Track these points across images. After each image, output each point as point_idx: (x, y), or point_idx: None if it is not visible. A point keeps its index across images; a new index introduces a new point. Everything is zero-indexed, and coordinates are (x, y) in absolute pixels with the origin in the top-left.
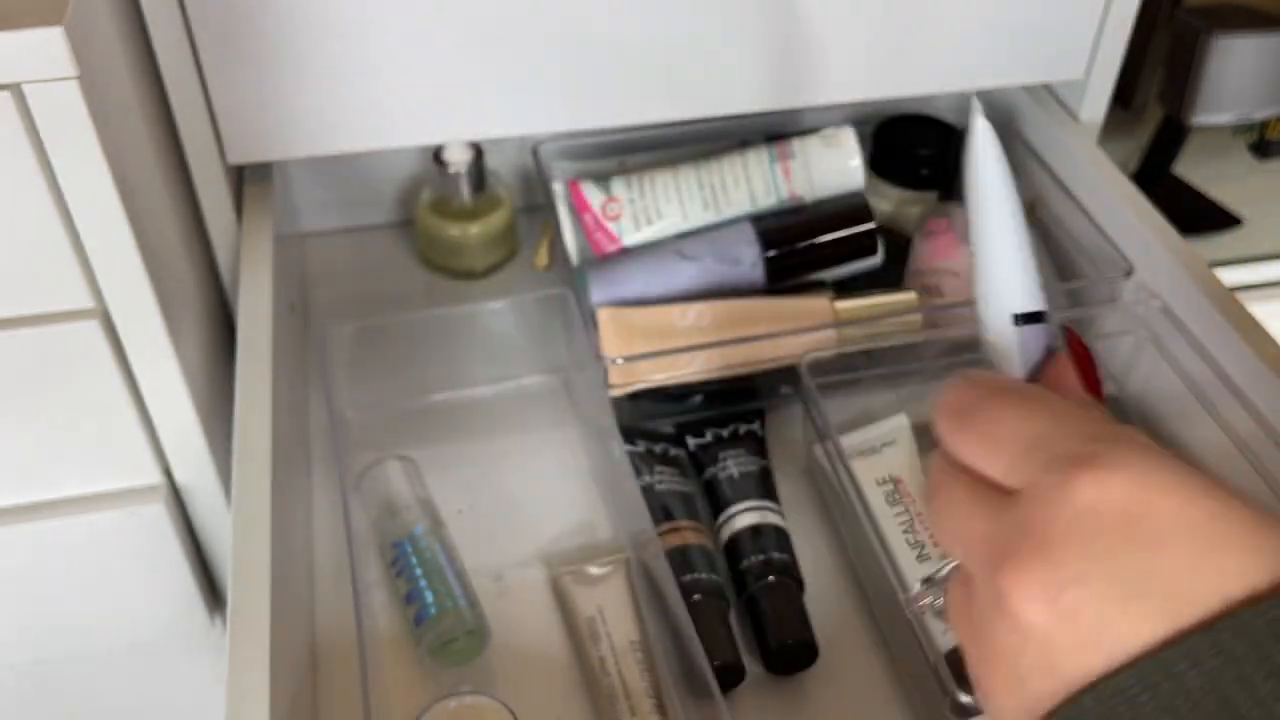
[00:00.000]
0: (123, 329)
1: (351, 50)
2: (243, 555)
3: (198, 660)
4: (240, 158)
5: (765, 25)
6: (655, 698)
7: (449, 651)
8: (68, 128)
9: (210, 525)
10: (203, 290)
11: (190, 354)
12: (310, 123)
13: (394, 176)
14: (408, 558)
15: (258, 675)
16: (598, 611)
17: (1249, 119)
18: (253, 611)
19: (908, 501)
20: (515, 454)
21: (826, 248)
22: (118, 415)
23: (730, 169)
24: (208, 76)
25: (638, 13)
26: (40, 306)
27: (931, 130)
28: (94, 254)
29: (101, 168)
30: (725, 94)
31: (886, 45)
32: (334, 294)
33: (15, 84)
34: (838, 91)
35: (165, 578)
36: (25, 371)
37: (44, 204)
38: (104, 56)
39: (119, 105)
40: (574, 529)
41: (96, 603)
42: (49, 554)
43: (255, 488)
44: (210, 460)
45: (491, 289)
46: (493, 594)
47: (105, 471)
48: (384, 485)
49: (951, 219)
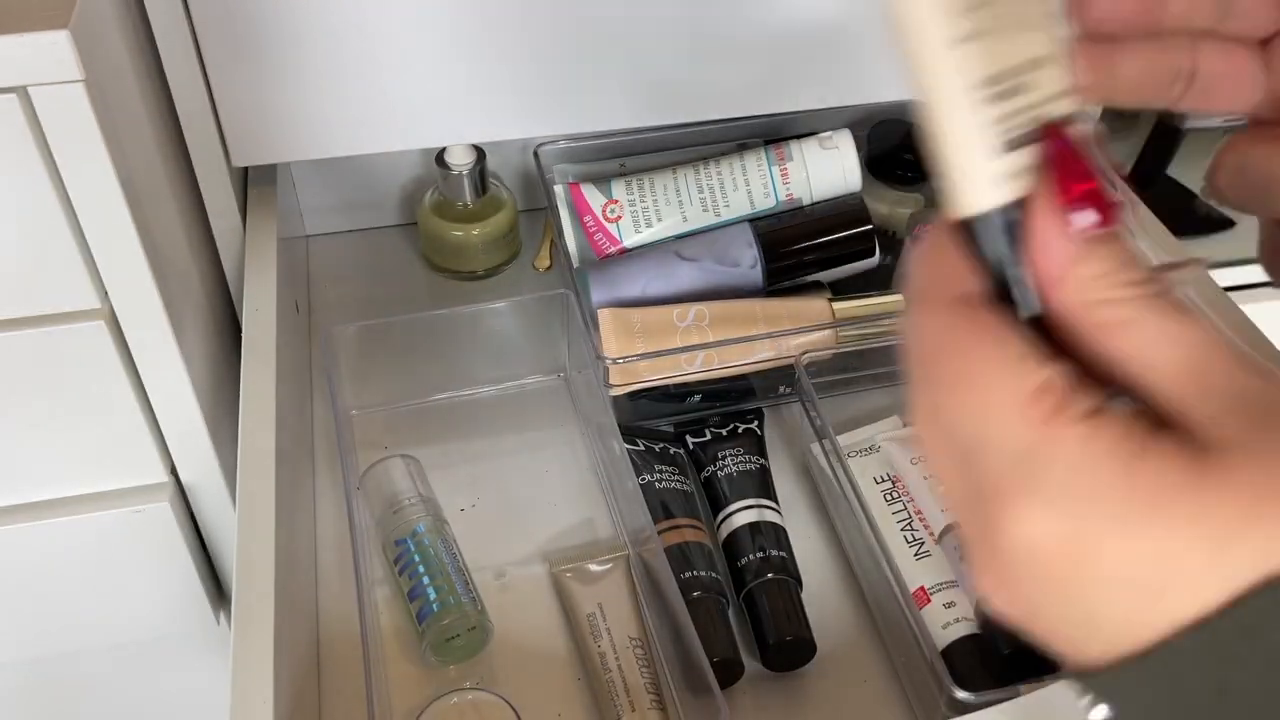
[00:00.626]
0: (128, 329)
1: (356, 53)
2: (247, 553)
3: (203, 657)
4: (245, 160)
5: (762, 29)
6: (655, 693)
7: (451, 648)
8: (74, 130)
9: (215, 523)
10: (208, 291)
11: (195, 354)
12: (315, 125)
13: (397, 179)
14: (410, 555)
15: (262, 672)
16: (598, 608)
17: (1241, 121)
18: (257, 608)
19: (905, 499)
20: (517, 452)
21: (824, 249)
22: (123, 415)
23: (729, 171)
24: (213, 79)
25: (638, 16)
26: (46, 307)
27: None
28: (100, 255)
29: (107, 170)
30: (724, 97)
31: (882, 49)
32: (338, 294)
33: (21, 87)
34: (833, 95)
35: (170, 575)
36: (32, 371)
37: (50, 206)
38: (110, 59)
39: (125, 108)
40: (574, 526)
41: (102, 600)
42: (55, 552)
43: (260, 486)
44: (215, 459)
45: (493, 290)
46: (494, 591)
47: (111, 470)
48: (387, 483)
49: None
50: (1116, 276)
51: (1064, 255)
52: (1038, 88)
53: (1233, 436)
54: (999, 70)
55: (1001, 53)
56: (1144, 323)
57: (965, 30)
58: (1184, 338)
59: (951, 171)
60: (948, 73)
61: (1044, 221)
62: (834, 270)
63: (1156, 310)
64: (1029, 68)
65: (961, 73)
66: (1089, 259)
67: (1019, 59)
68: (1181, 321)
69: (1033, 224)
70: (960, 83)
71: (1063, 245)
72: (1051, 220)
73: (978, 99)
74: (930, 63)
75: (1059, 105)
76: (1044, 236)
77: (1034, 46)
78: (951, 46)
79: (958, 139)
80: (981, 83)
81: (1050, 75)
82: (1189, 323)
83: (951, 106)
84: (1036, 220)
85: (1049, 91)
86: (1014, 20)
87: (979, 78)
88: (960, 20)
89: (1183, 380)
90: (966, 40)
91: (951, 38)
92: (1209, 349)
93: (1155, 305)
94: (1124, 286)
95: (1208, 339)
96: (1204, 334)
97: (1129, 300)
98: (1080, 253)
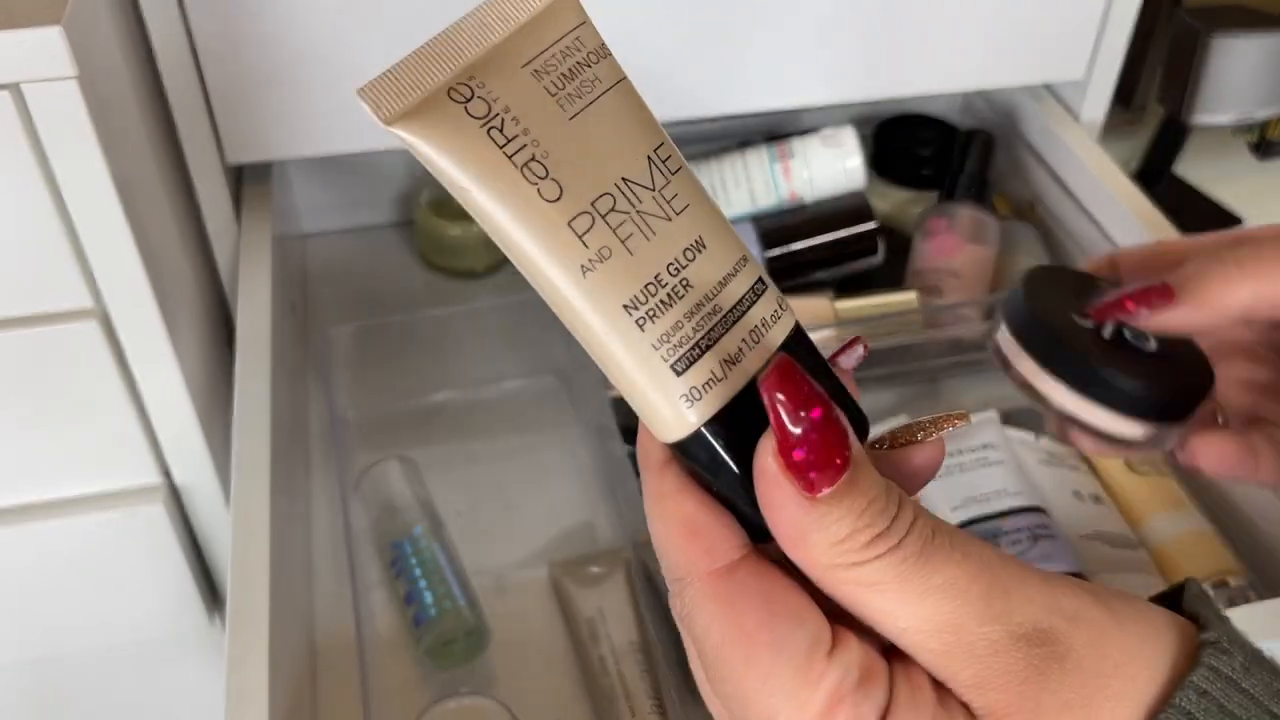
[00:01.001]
0: (122, 329)
1: (351, 50)
2: (242, 555)
3: (197, 660)
4: (239, 157)
5: (765, 25)
6: (655, 698)
7: (449, 652)
8: (67, 127)
9: (209, 525)
10: (202, 290)
11: (189, 354)
12: (310, 122)
13: (394, 176)
14: (407, 558)
15: (257, 675)
16: (598, 612)
17: (1249, 119)
18: (252, 611)
19: None
20: (516, 454)
21: (827, 247)
22: (117, 415)
23: (730, 169)
24: (207, 75)
25: (637, 12)
26: (39, 306)
27: (931, 130)
28: (93, 254)
29: (100, 167)
30: (725, 94)
31: (886, 46)
32: (334, 294)
33: (14, 84)
34: (838, 91)
35: (164, 577)
36: (24, 371)
37: (43, 203)
38: (103, 56)
39: (118, 104)
40: (574, 529)
41: (95, 602)
42: (48, 554)
43: (254, 488)
44: (209, 460)
45: (491, 289)
46: (493, 594)
47: (104, 472)
48: (384, 485)
49: (951, 219)
50: (855, 540)
51: (795, 521)
52: (702, 279)
53: (1001, 709)
54: (643, 284)
55: (639, 263)
56: (887, 587)
57: (584, 257)
58: (929, 597)
59: (637, 403)
60: (586, 309)
61: (766, 486)
62: (837, 269)
63: (898, 572)
64: (681, 264)
65: (599, 304)
66: (823, 525)
67: (661, 263)
68: (927, 578)
69: (758, 486)
70: (604, 316)
71: (793, 511)
72: (773, 485)
73: (631, 324)
74: (564, 302)
75: (759, 310)
76: (769, 499)
77: (677, 239)
78: (578, 280)
79: (628, 371)
80: (629, 305)
81: (712, 258)
82: (936, 576)
83: (606, 341)
84: (759, 484)
85: (717, 277)
86: (647, 219)
87: (622, 302)
88: (575, 248)
89: (938, 645)
90: (590, 268)
91: (573, 269)
92: (958, 605)
93: (897, 566)
94: (863, 549)
95: (957, 591)
96: (953, 586)
97: (870, 564)
98: (812, 519)
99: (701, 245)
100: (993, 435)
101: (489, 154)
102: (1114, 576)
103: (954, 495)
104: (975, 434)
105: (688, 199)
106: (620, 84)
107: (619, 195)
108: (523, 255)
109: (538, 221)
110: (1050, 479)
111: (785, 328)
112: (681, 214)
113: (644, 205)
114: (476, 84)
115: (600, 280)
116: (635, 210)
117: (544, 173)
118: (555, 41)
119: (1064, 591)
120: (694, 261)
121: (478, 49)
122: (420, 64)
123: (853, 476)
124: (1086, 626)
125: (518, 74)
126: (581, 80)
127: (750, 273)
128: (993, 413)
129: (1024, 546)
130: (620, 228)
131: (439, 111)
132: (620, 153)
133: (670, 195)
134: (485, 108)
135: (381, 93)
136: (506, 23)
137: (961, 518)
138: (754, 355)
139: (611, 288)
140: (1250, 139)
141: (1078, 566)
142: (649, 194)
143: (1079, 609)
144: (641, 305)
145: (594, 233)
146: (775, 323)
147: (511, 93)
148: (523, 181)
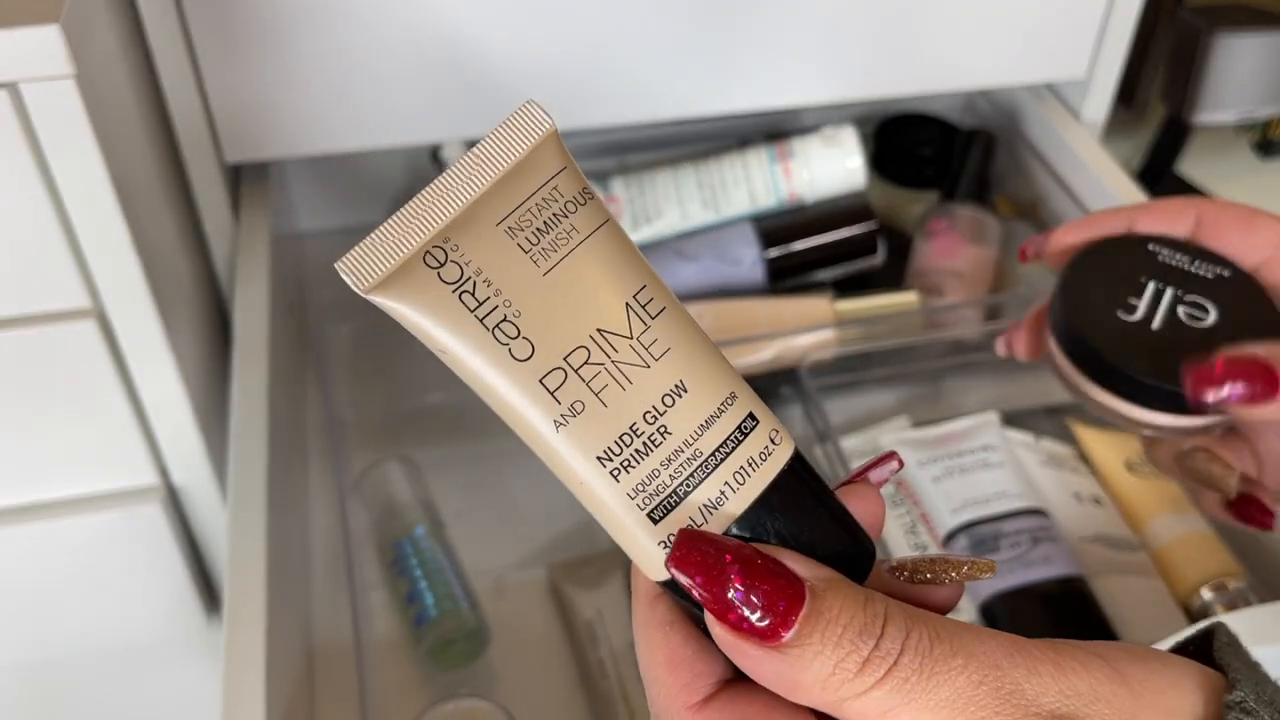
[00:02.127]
0: (119, 329)
1: (349, 48)
2: (239, 556)
3: (194, 661)
4: (237, 156)
5: (765, 24)
6: None
7: (449, 653)
8: (64, 126)
9: (206, 526)
10: (199, 290)
11: (187, 354)
12: (307, 121)
13: (391, 176)
14: (408, 558)
15: (254, 677)
16: (597, 614)
17: (1252, 118)
18: (249, 612)
19: (909, 503)
20: (515, 455)
21: (827, 248)
22: (114, 415)
23: (730, 168)
24: (204, 74)
25: (636, 10)
26: (36, 306)
27: (932, 130)
28: (90, 253)
29: (98, 166)
30: (724, 92)
31: (887, 45)
32: (332, 294)
33: (11, 82)
34: (838, 91)
35: (161, 578)
36: (20, 371)
37: (40, 203)
38: (100, 54)
39: (115, 103)
40: (574, 530)
41: (92, 603)
42: (45, 555)
43: (251, 488)
44: (207, 461)
45: None
46: (492, 595)
47: (101, 472)
48: (385, 486)
49: (953, 219)
50: (845, 669)
51: (778, 673)
52: (681, 424)
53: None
54: (616, 436)
55: (613, 415)
56: (897, 713)
57: (557, 413)
58: (942, 711)
59: (622, 542)
60: (562, 461)
61: (732, 653)
62: (837, 269)
63: (903, 696)
64: (659, 410)
65: (574, 456)
66: (803, 666)
67: (637, 412)
68: (933, 693)
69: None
70: (579, 467)
71: (769, 664)
72: (737, 650)
73: (605, 475)
74: (542, 451)
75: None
76: (744, 663)
77: (655, 386)
78: (552, 434)
79: (609, 515)
80: (602, 457)
81: (694, 402)
82: (942, 689)
83: (585, 488)
84: (727, 653)
85: (698, 420)
86: (623, 368)
87: (595, 454)
88: (548, 404)
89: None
90: (562, 423)
91: (546, 424)
92: (971, 713)
93: (900, 689)
94: (857, 677)
95: (966, 699)
96: (960, 696)
97: (871, 693)
98: (789, 664)
99: (682, 389)
100: (993, 437)
101: (461, 317)
102: (1115, 579)
103: (954, 497)
104: (975, 435)
105: (669, 343)
106: (601, 228)
107: (594, 347)
108: (500, 407)
109: (511, 380)
110: (1051, 481)
111: (778, 463)
112: (661, 359)
113: (620, 355)
114: (450, 246)
115: (573, 434)
116: (610, 360)
117: (515, 332)
118: (532, 194)
119: (1077, 673)
120: (673, 407)
121: (454, 209)
122: (399, 228)
123: (814, 608)
124: (1104, 705)
125: (491, 233)
126: (557, 233)
127: (739, 409)
128: (993, 414)
129: (1024, 549)
130: (594, 380)
131: (413, 278)
132: (596, 303)
133: (649, 341)
134: (458, 271)
135: (359, 262)
136: (485, 177)
137: (961, 520)
138: (737, 498)
139: (584, 441)
140: (1252, 138)
141: (1078, 569)
142: (626, 342)
143: (1094, 688)
144: (615, 456)
145: (566, 388)
146: (765, 460)
147: (484, 253)
148: (494, 342)
